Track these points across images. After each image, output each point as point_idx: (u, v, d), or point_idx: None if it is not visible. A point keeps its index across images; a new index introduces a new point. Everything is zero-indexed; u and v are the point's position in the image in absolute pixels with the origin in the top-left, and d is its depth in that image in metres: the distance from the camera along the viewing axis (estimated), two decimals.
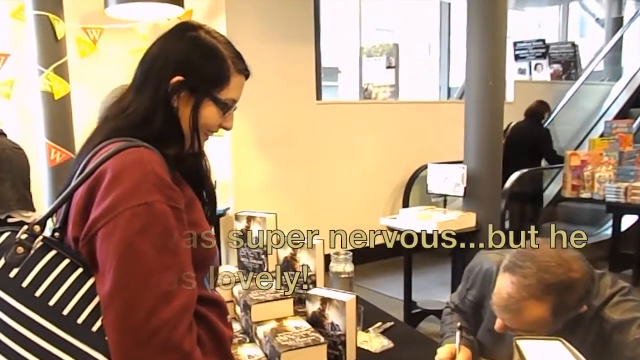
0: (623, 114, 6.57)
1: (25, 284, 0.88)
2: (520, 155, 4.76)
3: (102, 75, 3.68)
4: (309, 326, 1.52)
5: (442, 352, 1.47)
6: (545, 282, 1.23)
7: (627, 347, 1.23)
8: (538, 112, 5.29)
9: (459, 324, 1.51)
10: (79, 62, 3.60)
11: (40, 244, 0.90)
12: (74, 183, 0.95)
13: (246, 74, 1.11)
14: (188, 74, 1.01)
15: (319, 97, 4.85)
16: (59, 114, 3.15)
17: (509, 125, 5.25)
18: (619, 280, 1.37)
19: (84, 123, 3.25)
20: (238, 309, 1.71)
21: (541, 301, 1.23)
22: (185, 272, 0.91)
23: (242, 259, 1.95)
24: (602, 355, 1.29)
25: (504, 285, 1.29)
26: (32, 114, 3.32)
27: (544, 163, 5.39)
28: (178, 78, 1.01)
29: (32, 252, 0.89)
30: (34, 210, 3.30)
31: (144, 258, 0.86)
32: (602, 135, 5.15)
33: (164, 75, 1.01)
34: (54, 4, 3.10)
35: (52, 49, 3.11)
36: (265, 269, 1.88)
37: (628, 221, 4.90)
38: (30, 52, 3.14)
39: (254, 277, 1.83)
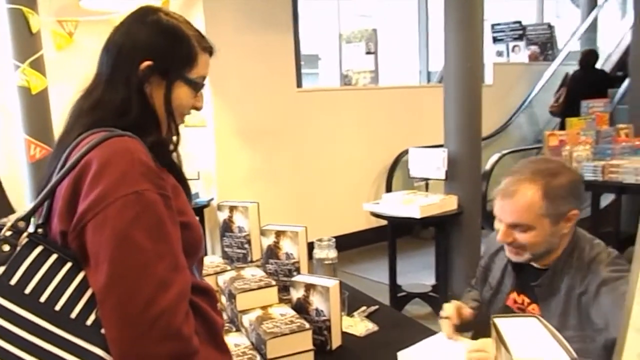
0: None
1: (13, 282, 0.86)
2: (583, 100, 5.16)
3: (79, 68, 3.64)
4: (293, 313, 1.54)
5: (448, 309, 1.58)
6: (535, 169, 1.44)
7: (615, 299, 1.29)
8: (590, 58, 5.87)
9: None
10: (55, 55, 3.56)
11: (26, 240, 0.89)
12: (56, 177, 0.94)
13: (210, 50, 1.12)
14: (156, 58, 1.02)
15: (299, 84, 4.85)
16: (37, 109, 3.11)
17: (566, 75, 5.92)
18: (610, 247, 1.48)
19: (63, 117, 3.22)
20: (223, 298, 1.73)
21: (531, 182, 1.41)
22: (178, 259, 0.91)
23: (226, 249, 1.96)
24: (589, 306, 1.36)
25: (502, 182, 1.48)
26: (10, 110, 3.28)
27: None
28: (147, 63, 1.01)
29: (18, 248, 0.88)
30: (12, 212, 3.26)
31: (139, 248, 0.86)
32: (579, 115, 5.22)
33: (133, 62, 1.01)
34: None
35: (26, 43, 3.07)
36: (249, 258, 1.90)
37: (606, 199, 5.00)
38: (5, 47, 3.10)
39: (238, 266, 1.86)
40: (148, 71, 1.01)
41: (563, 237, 1.44)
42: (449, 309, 1.57)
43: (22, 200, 3.21)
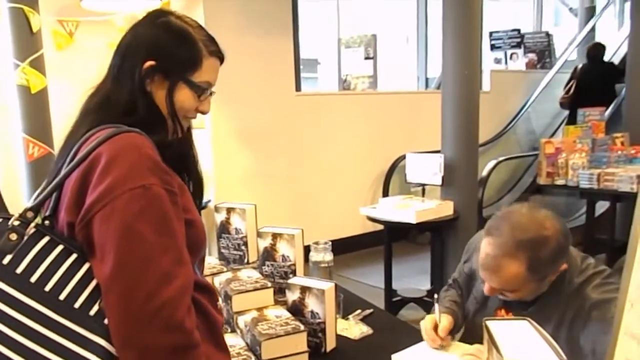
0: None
1: (19, 270, 0.88)
2: (592, 93, 5.31)
3: (79, 68, 3.64)
4: (289, 314, 1.55)
5: (426, 323, 1.52)
6: (518, 239, 1.31)
7: (605, 323, 1.27)
8: (597, 52, 5.94)
9: (435, 296, 1.59)
10: (55, 54, 3.57)
11: (33, 230, 0.91)
12: (64, 170, 0.95)
13: (219, 56, 1.12)
14: (159, 58, 1.03)
15: (297, 88, 4.86)
16: (36, 108, 3.12)
17: (575, 67, 5.97)
18: (601, 264, 1.44)
19: (62, 116, 3.23)
20: (219, 299, 1.74)
21: (515, 257, 1.32)
22: (182, 254, 0.93)
23: (222, 250, 1.97)
24: (579, 333, 1.35)
25: (483, 247, 1.38)
26: (9, 108, 3.29)
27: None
28: (150, 62, 1.03)
29: (25, 238, 0.90)
30: (7, 212, 3.26)
31: (144, 240, 0.87)
32: (575, 123, 5.25)
33: (136, 61, 1.03)
34: None
35: (27, 42, 3.07)
36: (246, 260, 1.91)
37: (601, 207, 5.02)
38: (5, 45, 3.10)
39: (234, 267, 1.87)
40: (150, 70, 1.03)
41: (548, 283, 1.40)
42: (426, 323, 1.52)
43: (20, 199, 3.21)
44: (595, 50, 5.96)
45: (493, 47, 7.37)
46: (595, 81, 5.64)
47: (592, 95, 5.34)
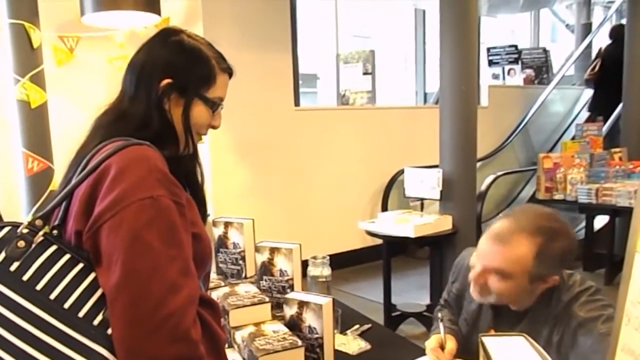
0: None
1: (25, 278, 0.88)
2: (616, 72, 5.38)
3: (79, 83, 3.67)
4: (286, 330, 1.54)
5: (431, 343, 1.51)
6: (538, 224, 1.35)
7: (593, 341, 1.27)
8: (619, 32, 5.95)
9: (439, 315, 1.57)
10: (55, 70, 3.59)
11: (41, 238, 0.92)
12: (75, 180, 0.97)
13: (229, 72, 1.16)
14: (175, 76, 1.06)
15: (296, 103, 4.89)
16: (35, 123, 3.12)
17: (600, 48, 6.17)
18: (587, 280, 1.44)
19: (62, 131, 3.25)
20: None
21: (530, 237, 1.33)
22: (189, 265, 0.93)
23: (220, 265, 1.97)
24: (568, 352, 1.34)
25: (499, 223, 1.39)
26: (8, 123, 3.30)
27: None
28: (167, 80, 1.05)
29: (33, 246, 0.90)
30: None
31: (151, 250, 0.88)
32: (573, 138, 5.27)
33: (153, 79, 1.06)
34: (30, 12, 3.09)
35: (27, 58, 3.09)
36: (243, 274, 1.91)
37: (600, 221, 5.02)
38: (6, 61, 3.12)
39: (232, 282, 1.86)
40: (167, 88, 1.06)
41: (532, 294, 1.40)
42: (431, 343, 1.50)
43: (18, 212, 3.21)
44: (618, 32, 6.03)
45: (491, 63, 7.42)
46: (618, 61, 5.67)
47: (615, 74, 5.41)
